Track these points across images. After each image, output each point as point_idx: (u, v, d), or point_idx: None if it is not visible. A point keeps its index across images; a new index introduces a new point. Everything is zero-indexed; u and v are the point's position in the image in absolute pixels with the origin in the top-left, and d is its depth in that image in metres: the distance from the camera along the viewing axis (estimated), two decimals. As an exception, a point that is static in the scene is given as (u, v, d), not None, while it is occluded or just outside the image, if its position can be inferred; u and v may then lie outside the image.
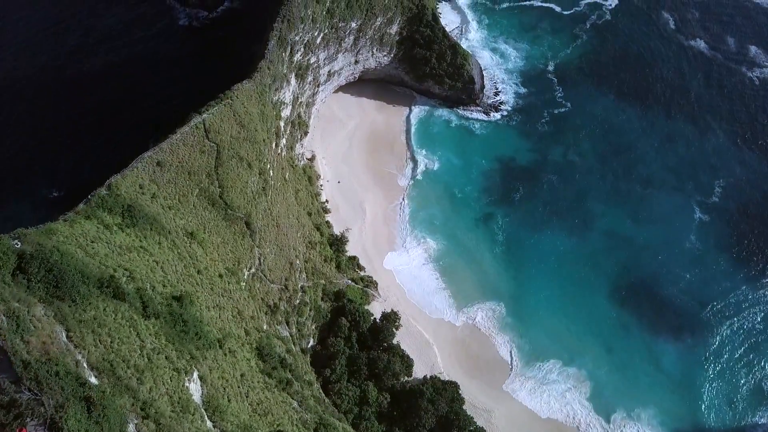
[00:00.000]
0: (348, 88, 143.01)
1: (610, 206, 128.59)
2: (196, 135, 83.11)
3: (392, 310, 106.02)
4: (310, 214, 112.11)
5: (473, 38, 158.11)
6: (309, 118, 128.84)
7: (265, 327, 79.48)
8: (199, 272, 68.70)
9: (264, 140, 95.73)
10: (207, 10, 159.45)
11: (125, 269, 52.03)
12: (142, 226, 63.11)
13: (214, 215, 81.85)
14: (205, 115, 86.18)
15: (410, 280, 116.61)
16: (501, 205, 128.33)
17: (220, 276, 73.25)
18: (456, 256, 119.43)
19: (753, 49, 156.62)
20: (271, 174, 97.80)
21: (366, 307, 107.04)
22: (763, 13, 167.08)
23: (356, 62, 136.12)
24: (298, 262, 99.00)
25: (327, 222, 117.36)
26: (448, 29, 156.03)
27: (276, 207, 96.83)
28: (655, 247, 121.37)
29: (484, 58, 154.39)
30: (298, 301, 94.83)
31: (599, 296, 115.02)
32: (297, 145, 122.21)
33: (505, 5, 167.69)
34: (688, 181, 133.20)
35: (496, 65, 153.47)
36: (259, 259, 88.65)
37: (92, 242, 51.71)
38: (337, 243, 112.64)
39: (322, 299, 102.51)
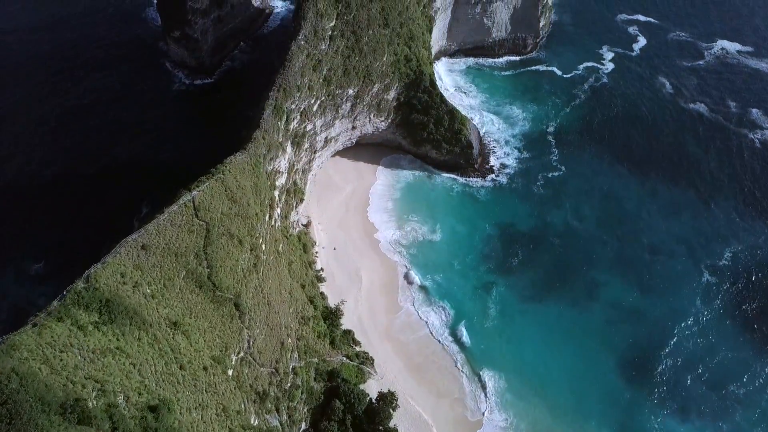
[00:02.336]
0: (345, 152, 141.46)
1: (613, 274, 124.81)
2: (184, 214, 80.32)
3: (389, 390, 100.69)
4: (303, 287, 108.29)
5: (472, 102, 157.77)
6: (305, 184, 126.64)
7: (253, 420, 74.54)
8: (181, 367, 64.47)
9: (257, 214, 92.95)
10: (206, 74, 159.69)
11: (96, 381, 47.98)
12: (121, 321, 59.30)
13: (201, 298, 78.12)
14: (194, 192, 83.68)
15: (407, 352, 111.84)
16: (502, 273, 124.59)
17: (205, 369, 68.92)
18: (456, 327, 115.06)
19: (754, 111, 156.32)
20: (264, 248, 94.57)
21: (362, 386, 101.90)
22: (762, 76, 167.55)
23: (353, 128, 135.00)
24: (290, 341, 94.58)
25: (321, 293, 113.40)
26: (446, 93, 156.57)
27: (268, 283, 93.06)
28: (662, 318, 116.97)
29: (483, 121, 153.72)
30: (289, 385, 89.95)
31: (606, 371, 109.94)
32: (292, 213, 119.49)
33: (505, 70, 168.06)
34: (694, 248, 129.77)
35: (495, 128, 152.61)
36: (249, 341, 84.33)
37: (61, 352, 47.83)
38: (332, 317, 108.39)
39: (315, 379, 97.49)
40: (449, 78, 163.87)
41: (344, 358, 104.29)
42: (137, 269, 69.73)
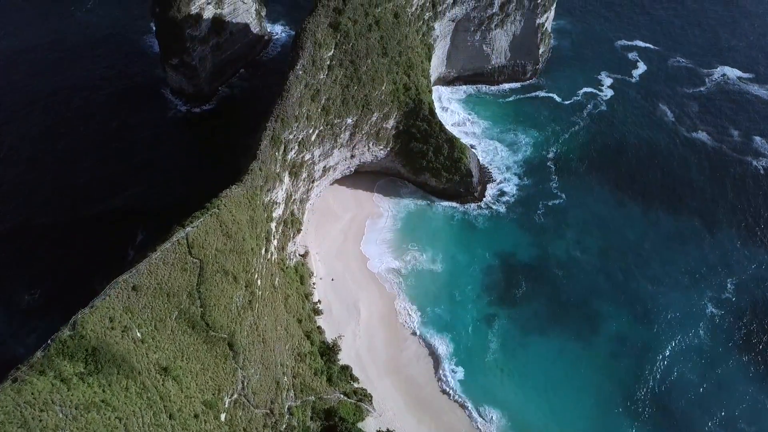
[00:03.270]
0: (344, 180, 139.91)
1: (616, 306, 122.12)
2: (177, 252, 78.29)
3: (388, 429, 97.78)
4: (300, 321, 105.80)
5: (471, 129, 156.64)
6: (302, 214, 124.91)
7: (245, 468, 71.79)
8: (171, 417, 61.96)
9: (252, 249, 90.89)
10: (204, 101, 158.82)
11: (78, 441, 45.54)
12: (108, 371, 56.96)
13: (194, 339, 75.81)
14: (188, 229, 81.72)
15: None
16: (503, 305, 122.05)
17: (196, 416, 66.37)
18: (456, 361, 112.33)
19: (757, 139, 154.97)
20: (259, 284, 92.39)
21: (360, 424, 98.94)
22: (764, 103, 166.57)
23: (352, 156, 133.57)
24: (285, 379, 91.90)
25: (318, 328, 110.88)
26: (446, 120, 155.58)
27: (263, 320, 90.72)
28: (668, 352, 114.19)
29: (482, 148, 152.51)
30: (284, 426, 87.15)
31: (611, 407, 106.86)
32: (289, 244, 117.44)
33: (504, 97, 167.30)
34: (697, 279, 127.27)
35: (495, 156, 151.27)
36: (243, 382, 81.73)
37: (41, 411, 45.45)
38: (329, 352, 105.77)
39: (312, 419, 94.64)
40: (449, 105, 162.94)
41: (342, 396, 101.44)
42: (127, 312, 67.51)
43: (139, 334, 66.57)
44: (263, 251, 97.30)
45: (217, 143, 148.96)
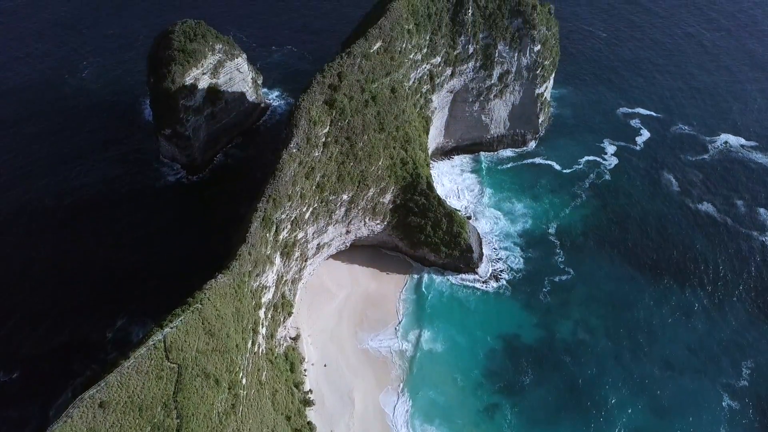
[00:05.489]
0: (339, 255, 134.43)
1: (628, 394, 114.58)
2: (153, 358, 71.73)
3: None
4: (289, 419, 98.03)
5: (472, 200, 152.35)
6: (294, 295, 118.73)
7: None
8: None
9: (237, 345, 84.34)
10: (197, 170, 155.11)
11: None
12: None
13: (167, 458, 68.50)
14: (167, 330, 75.43)
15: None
16: (508, 393, 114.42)
17: None
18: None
19: (762, 211, 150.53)
20: (244, 382, 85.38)
21: None
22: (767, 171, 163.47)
23: (347, 232, 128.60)
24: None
25: (309, 423, 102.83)
26: (445, 190, 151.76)
27: (248, 424, 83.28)
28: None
29: (483, 220, 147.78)
30: None
31: None
32: (279, 329, 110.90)
33: (505, 165, 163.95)
34: (708, 362, 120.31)
35: (496, 228, 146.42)
36: (223, 501, 73.95)
37: None
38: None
39: None
40: (446, 173, 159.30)
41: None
42: (91, 434, 60.66)
43: (102, 462, 59.53)
44: (249, 345, 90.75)
45: (209, 214, 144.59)
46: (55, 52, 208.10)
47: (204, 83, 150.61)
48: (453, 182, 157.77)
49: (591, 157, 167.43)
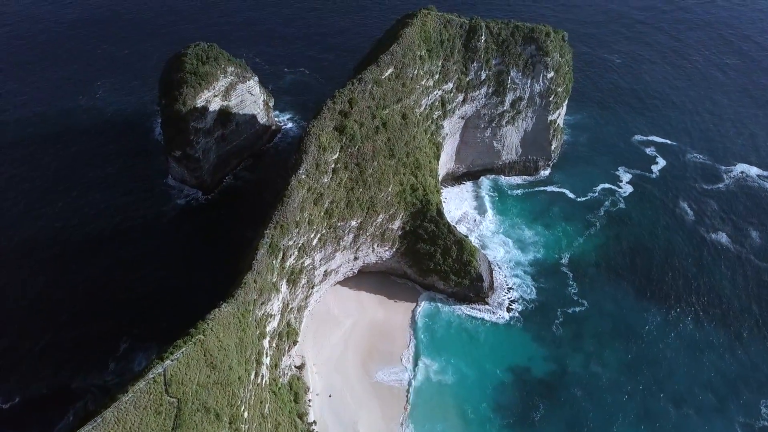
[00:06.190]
0: (346, 281, 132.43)
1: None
2: (152, 392, 69.96)
3: None
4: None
5: (483, 227, 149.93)
6: (300, 323, 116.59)
7: None
8: None
9: (240, 378, 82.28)
10: (206, 192, 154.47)
11: None
12: None
13: (163, 498, 66.24)
14: (167, 363, 73.65)
15: None
16: (517, 428, 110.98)
17: None
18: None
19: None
20: (246, 416, 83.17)
21: None
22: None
23: (355, 258, 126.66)
24: None
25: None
26: (455, 216, 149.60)
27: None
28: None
29: (494, 248, 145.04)
30: None
31: None
32: (284, 358, 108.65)
33: (516, 192, 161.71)
34: (725, 398, 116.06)
35: (507, 257, 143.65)
36: None
37: None
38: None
39: None
40: (457, 202, 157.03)
41: None
42: (84, 475, 58.69)
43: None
44: (252, 376, 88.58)
45: (217, 237, 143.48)
46: (70, 72, 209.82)
47: (215, 105, 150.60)
48: (463, 209, 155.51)
49: (606, 185, 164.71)
